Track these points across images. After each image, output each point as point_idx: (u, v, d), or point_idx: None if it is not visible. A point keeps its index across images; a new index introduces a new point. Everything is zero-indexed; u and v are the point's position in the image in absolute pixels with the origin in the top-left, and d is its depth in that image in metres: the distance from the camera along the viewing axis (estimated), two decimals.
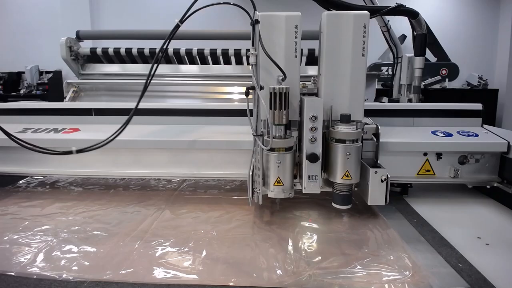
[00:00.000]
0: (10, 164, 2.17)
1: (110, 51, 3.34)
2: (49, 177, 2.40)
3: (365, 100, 1.80)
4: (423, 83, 5.58)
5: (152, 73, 1.69)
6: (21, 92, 7.73)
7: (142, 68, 3.47)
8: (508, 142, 1.82)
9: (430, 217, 1.71)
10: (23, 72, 7.84)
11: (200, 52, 3.29)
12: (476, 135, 1.91)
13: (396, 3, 2.40)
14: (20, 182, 2.29)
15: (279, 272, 1.25)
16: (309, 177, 1.55)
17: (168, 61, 3.46)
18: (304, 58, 3.30)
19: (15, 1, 8.20)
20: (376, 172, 1.55)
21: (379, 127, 1.76)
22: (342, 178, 1.56)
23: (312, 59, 3.27)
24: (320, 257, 1.35)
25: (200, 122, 2.17)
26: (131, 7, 8.06)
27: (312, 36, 3.03)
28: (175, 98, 3.30)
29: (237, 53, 3.25)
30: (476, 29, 7.88)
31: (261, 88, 1.55)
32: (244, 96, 1.57)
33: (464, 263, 1.30)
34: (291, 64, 1.60)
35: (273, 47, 1.58)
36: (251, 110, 1.60)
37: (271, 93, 1.51)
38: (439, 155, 1.88)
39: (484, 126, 2.05)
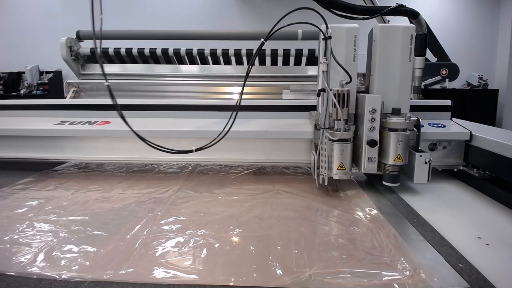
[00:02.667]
0: (10, 151, 2.47)
1: (110, 51, 3.35)
2: (49, 177, 2.41)
3: None
4: (423, 83, 5.58)
5: (247, 73, 2.03)
6: (21, 92, 7.74)
7: (142, 68, 3.48)
8: (470, 132, 2.13)
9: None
10: (23, 72, 7.85)
11: (201, 52, 3.30)
12: (444, 126, 2.24)
13: (397, 3, 2.40)
14: (20, 182, 2.29)
15: (279, 272, 1.26)
16: (368, 159, 1.91)
17: (168, 61, 3.46)
18: (304, 58, 3.31)
19: (15, 1, 8.21)
20: (421, 156, 1.88)
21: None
22: (394, 161, 1.91)
23: (312, 59, 3.28)
24: (319, 256, 1.35)
25: (204, 116, 2.46)
26: (131, 7, 8.08)
27: (313, 36, 3.04)
28: (175, 98, 3.31)
29: (237, 53, 3.26)
30: (476, 29, 7.89)
31: (323, 91, 1.91)
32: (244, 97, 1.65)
33: (464, 263, 1.30)
34: (350, 67, 1.93)
35: (336, 54, 1.90)
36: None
37: (335, 94, 1.84)
38: None
39: (453, 119, 2.38)
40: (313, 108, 2.37)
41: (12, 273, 1.25)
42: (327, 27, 1.88)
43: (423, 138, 2.13)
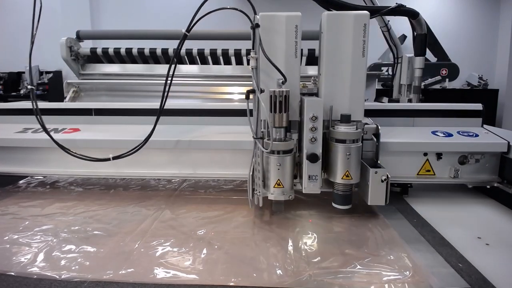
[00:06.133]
0: (10, 164, 2.18)
1: (110, 51, 3.35)
2: (49, 177, 2.40)
3: (365, 100, 1.80)
4: (423, 83, 5.58)
5: (171, 73, 1.74)
6: (21, 92, 7.74)
7: (142, 68, 3.48)
8: (508, 142, 1.83)
9: (430, 217, 1.72)
10: (23, 72, 7.85)
11: (200, 52, 3.30)
12: (476, 135, 1.92)
13: (396, 3, 2.40)
14: (20, 182, 2.29)
15: (279, 272, 1.25)
16: (309, 177, 1.57)
17: (168, 61, 3.46)
18: (304, 58, 3.31)
19: (15, 1, 8.21)
20: (376, 172, 1.57)
21: (379, 127, 1.76)
22: (342, 178, 1.57)
23: (312, 59, 3.28)
24: (320, 257, 1.35)
25: (200, 122, 2.17)
26: (131, 7, 8.07)
27: (313, 36, 3.03)
28: (175, 98, 3.30)
29: (237, 53, 3.26)
30: (476, 29, 7.89)
31: (262, 91, 1.56)
32: (244, 97, 1.58)
33: (464, 263, 1.30)
34: (291, 65, 1.60)
35: (274, 48, 1.59)
36: (251, 112, 1.60)
37: (271, 96, 1.52)
38: (439, 155, 1.89)
39: (484, 126, 2.06)
40: None
41: (12, 273, 1.25)
42: (255, 13, 1.55)
43: (455, 149, 1.86)
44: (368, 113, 1.93)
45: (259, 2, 1.54)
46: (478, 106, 2.07)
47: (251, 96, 1.59)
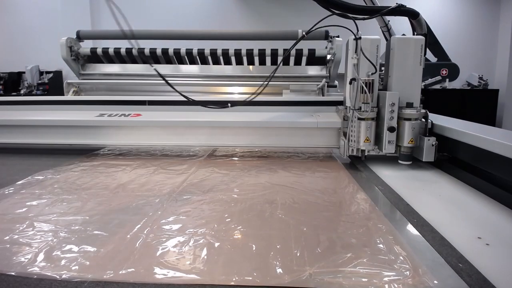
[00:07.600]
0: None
1: (111, 51, 3.35)
2: (49, 177, 2.41)
3: None
4: (423, 83, 5.59)
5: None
6: (22, 92, 7.75)
7: (142, 68, 3.49)
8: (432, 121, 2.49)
9: (430, 217, 1.71)
10: (24, 72, 7.86)
11: (201, 52, 3.30)
12: None
13: (397, 4, 2.40)
14: (20, 182, 2.29)
15: (279, 271, 1.26)
16: (388, 141, 2.40)
17: (169, 61, 3.47)
18: (304, 58, 3.31)
19: (15, 1, 8.21)
20: (429, 140, 2.33)
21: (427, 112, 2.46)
22: (408, 143, 2.40)
23: (312, 58, 3.28)
24: (320, 257, 1.35)
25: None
26: (131, 7, 8.07)
27: (313, 36, 3.04)
28: (175, 98, 3.31)
29: (237, 53, 3.26)
30: (477, 29, 7.89)
31: (354, 80, 2.41)
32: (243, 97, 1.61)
33: (464, 263, 1.30)
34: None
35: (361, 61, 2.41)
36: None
37: (364, 82, 2.35)
38: None
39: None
40: (337, 103, 2.94)
41: (12, 273, 1.25)
42: (357, 30, 2.38)
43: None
44: None
45: (259, 2, 1.54)
46: None
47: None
